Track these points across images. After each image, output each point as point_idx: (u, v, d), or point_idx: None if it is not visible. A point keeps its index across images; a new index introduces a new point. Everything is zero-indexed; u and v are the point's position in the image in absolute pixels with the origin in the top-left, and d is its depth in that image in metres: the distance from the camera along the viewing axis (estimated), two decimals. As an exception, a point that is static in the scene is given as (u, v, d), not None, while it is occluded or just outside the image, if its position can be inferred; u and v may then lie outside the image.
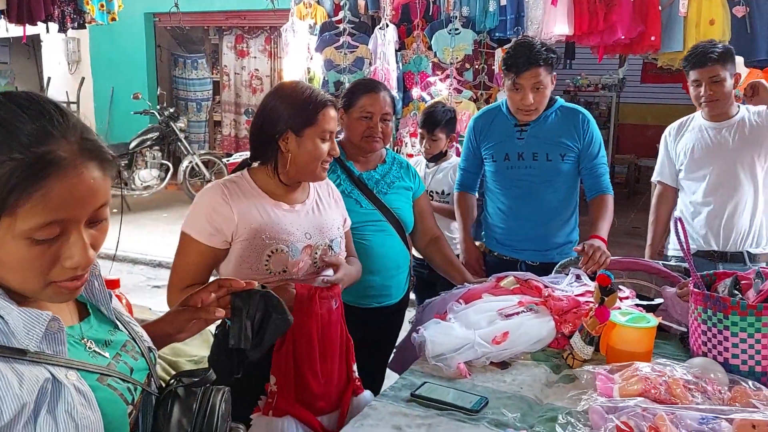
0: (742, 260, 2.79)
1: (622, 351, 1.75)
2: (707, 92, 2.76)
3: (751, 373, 1.62)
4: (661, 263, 2.34)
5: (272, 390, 1.77)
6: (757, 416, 1.33)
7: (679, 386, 1.50)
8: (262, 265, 1.81)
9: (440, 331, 1.88)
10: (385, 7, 5.15)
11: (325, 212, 1.97)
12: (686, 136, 2.94)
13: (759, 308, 1.61)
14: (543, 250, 2.66)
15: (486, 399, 1.60)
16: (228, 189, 1.84)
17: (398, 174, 2.46)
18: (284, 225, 1.84)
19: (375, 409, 1.59)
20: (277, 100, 1.86)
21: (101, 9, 5.19)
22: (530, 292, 2.09)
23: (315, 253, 1.88)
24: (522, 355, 1.88)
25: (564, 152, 2.60)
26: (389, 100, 2.38)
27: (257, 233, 1.80)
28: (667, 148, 3.03)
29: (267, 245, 1.80)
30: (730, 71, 2.76)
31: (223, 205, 1.80)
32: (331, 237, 1.94)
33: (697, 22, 4.48)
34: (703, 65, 2.74)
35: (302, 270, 1.85)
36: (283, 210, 1.87)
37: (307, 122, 1.83)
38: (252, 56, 9.62)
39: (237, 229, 1.80)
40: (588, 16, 4.62)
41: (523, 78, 2.49)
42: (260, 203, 1.85)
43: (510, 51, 2.56)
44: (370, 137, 2.34)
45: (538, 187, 2.61)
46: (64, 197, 0.85)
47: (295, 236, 1.85)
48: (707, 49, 2.75)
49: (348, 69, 5.31)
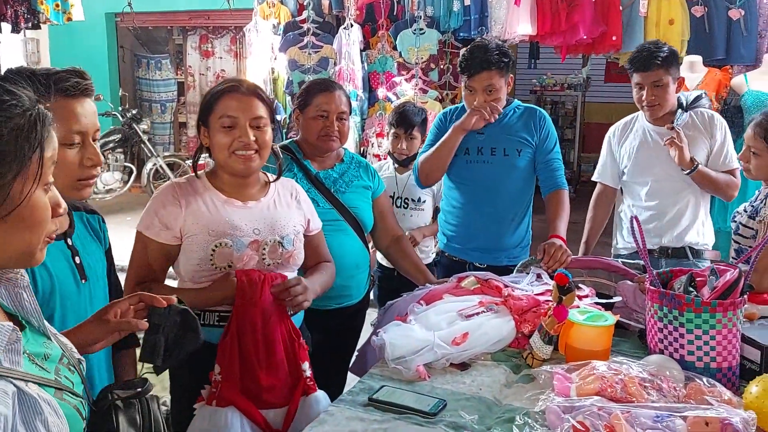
0: (684, 255, 2.82)
1: (580, 350, 1.76)
2: (649, 96, 2.75)
3: (706, 370, 1.63)
4: (620, 261, 2.36)
5: (216, 379, 1.75)
6: (710, 413, 1.34)
7: (634, 384, 1.50)
8: (208, 260, 1.81)
9: (400, 334, 1.86)
10: (349, 6, 5.12)
11: (281, 210, 1.95)
12: (630, 138, 2.94)
13: (713, 305, 1.62)
14: (493, 251, 2.66)
15: (444, 401, 1.59)
16: (179, 187, 1.88)
17: (356, 173, 2.44)
18: (231, 220, 1.84)
19: (331, 414, 1.56)
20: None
21: (56, 9, 5.07)
22: (491, 292, 2.09)
23: (263, 249, 1.86)
24: (482, 355, 1.87)
25: (521, 147, 2.62)
26: (345, 99, 2.36)
27: (203, 228, 1.82)
28: (611, 149, 3.01)
29: (211, 239, 1.81)
30: (673, 75, 2.75)
31: (173, 202, 1.83)
32: (283, 234, 1.91)
33: (657, 22, 4.54)
34: (646, 69, 2.72)
35: (248, 264, 1.84)
36: (233, 206, 1.88)
37: (206, 111, 1.86)
38: (217, 57, 9.52)
39: (185, 224, 1.82)
40: (550, 16, 4.66)
41: (475, 81, 2.51)
42: (210, 200, 1.87)
43: (465, 53, 2.56)
44: (327, 136, 2.31)
45: (494, 183, 2.63)
46: None
47: (241, 231, 1.84)
48: (652, 52, 2.73)
49: (312, 69, 5.27)
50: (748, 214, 2.27)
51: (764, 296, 2.00)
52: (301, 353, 1.86)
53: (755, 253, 1.74)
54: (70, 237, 1.51)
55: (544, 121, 2.66)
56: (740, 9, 4.37)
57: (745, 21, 4.38)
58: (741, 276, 1.66)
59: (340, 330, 2.40)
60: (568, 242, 2.45)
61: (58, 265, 1.44)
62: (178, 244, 1.84)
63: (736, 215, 2.36)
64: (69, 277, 1.46)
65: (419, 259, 2.56)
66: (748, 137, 2.27)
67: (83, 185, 1.43)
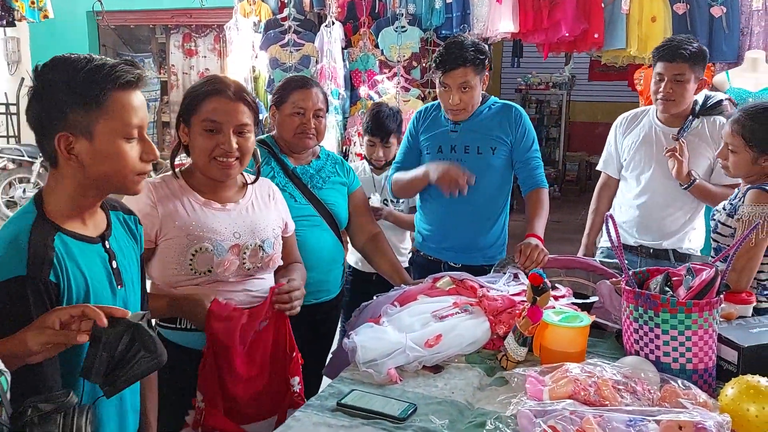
0: (667, 258, 2.78)
1: (555, 351, 1.72)
2: (667, 89, 2.64)
3: (682, 371, 1.60)
4: (598, 260, 2.33)
5: (199, 406, 1.73)
6: (684, 417, 1.31)
7: (608, 387, 1.46)
8: (187, 264, 1.76)
9: (372, 336, 1.82)
10: (330, 4, 5.07)
11: (259, 212, 1.91)
12: (635, 132, 2.86)
13: (689, 305, 1.59)
14: (468, 251, 2.62)
15: (414, 406, 1.55)
16: (155, 188, 1.81)
17: (333, 169, 2.42)
18: (211, 223, 1.79)
19: (298, 420, 1.52)
20: None
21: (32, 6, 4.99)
22: (466, 292, 2.05)
23: (243, 252, 1.82)
24: (456, 357, 1.83)
25: (495, 145, 2.57)
26: (322, 97, 2.32)
27: (181, 231, 1.76)
28: (616, 140, 2.95)
29: (191, 243, 1.76)
30: (696, 74, 2.63)
31: (147, 204, 1.76)
32: (263, 237, 1.87)
33: (639, 20, 4.51)
34: (671, 60, 2.61)
35: (229, 270, 1.79)
36: (212, 209, 1.82)
37: (191, 109, 1.81)
38: (201, 55, 9.43)
39: (161, 228, 1.76)
40: (532, 14, 4.62)
41: (450, 77, 2.46)
42: (188, 202, 1.81)
43: (441, 49, 2.51)
44: (303, 134, 2.28)
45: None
46: None
47: (221, 235, 1.79)
48: (681, 43, 2.62)
49: (294, 67, 5.21)
50: (726, 212, 2.24)
51: (742, 296, 1.97)
52: (291, 367, 1.83)
53: (732, 251, 1.71)
54: (107, 239, 1.41)
55: (521, 118, 2.61)
56: (722, 6, 4.35)
57: (727, 18, 4.37)
58: (717, 275, 1.63)
59: (317, 325, 2.36)
60: (551, 241, 2.42)
61: (95, 269, 1.35)
62: (151, 248, 1.78)
63: (715, 213, 2.33)
64: (104, 283, 1.37)
65: (396, 259, 2.52)
66: (726, 134, 2.23)
67: (139, 180, 1.39)
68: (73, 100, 1.27)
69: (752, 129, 2.14)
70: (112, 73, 1.28)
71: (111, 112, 1.29)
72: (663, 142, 2.76)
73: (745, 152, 2.16)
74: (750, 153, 2.15)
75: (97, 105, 1.28)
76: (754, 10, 4.34)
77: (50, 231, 1.28)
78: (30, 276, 1.20)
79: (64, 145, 1.29)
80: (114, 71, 1.29)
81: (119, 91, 1.30)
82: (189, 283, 1.78)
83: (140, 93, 1.36)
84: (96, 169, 1.31)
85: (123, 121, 1.30)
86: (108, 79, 1.28)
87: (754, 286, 2.18)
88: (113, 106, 1.29)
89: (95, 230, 1.39)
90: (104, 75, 1.28)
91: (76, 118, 1.28)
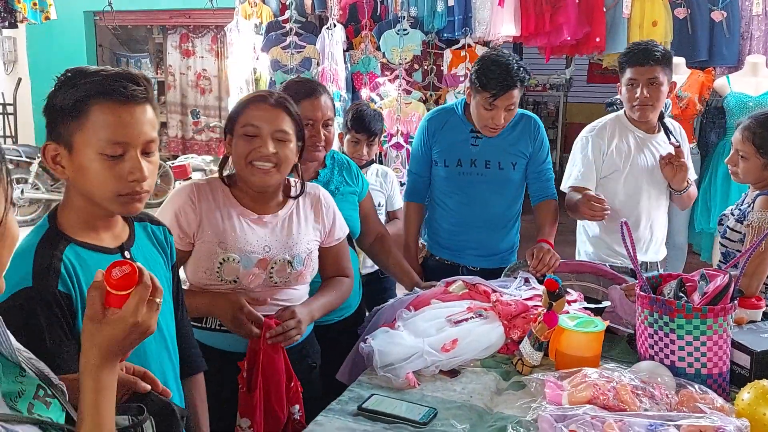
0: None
1: (571, 356, 1.74)
2: (643, 95, 2.51)
3: (697, 376, 1.63)
4: (608, 265, 2.35)
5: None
6: (704, 422, 1.33)
7: (627, 392, 1.48)
8: (215, 271, 1.79)
9: (388, 341, 1.84)
10: (332, 6, 5.09)
11: (296, 227, 1.89)
12: (616, 142, 2.62)
13: (704, 311, 1.62)
14: (486, 255, 2.62)
15: (435, 410, 1.57)
16: (198, 189, 1.84)
17: (341, 178, 2.34)
18: (243, 235, 1.80)
19: (321, 424, 1.54)
20: None
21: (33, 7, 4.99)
22: (479, 297, 2.07)
23: (271, 267, 1.82)
24: (472, 362, 1.85)
25: (515, 160, 2.56)
26: (330, 104, 2.21)
27: (215, 237, 1.79)
28: (601, 150, 2.62)
29: (220, 252, 1.78)
30: (668, 76, 2.54)
31: (188, 204, 1.80)
32: (294, 254, 1.86)
33: (640, 24, 4.55)
34: (643, 64, 2.49)
35: (254, 282, 1.81)
36: (248, 219, 1.83)
37: (231, 121, 1.82)
38: (198, 56, 9.40)
39: (199, 230, 1.79)
40: (534, 18, 4.65)
41: (500, 101, 2.38)
42: (227, 209, 1.83)
43: (483, 68, 2.39)
44: (313, 146, 2.13)
45: (487, 194, 2.57)
46: None
47: (251, 247, 1.80)
48: (650, 47, 2.52)
49: (295, 69, 5.22)
50: (735, 217, 2.27)
51: (753, 301, 1.99)
52: (292, 395, 1.83)
53: (744, 258, 1.73)
54: (128, 249, 1.36)
55: (539, 130, 2.61)
56: (723, 11, 4.40)
57: (728, 23, 4.41)
58: (731, 281, 1.65)
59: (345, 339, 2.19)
60: (555, 245, 2.44)
61: None
62: (189, 250, 1.80)
63: (723, 218, 2.36)
64: None
65: (403, 259, 2.50)
66: (737, 141, 2.26)
67: (128, 200, 1.25)
68: (58, 108, 1.22)
69: (763, 136, 2.17)
70: (98, 84, 1.20)
71: (90, 125, 1.20)
72: (643, 155, 2.60)
73: (756, 159, 2.19)
74: (761, 160, 2.19)
75: (76, 115, 1.20)
76: (754, 14, 4.38)
77: (60, 242, 1.25)
78: (36, 287, 1.17)
79: (50, 155, 1.23)
80: (101, 82, 1.20)
81: (103, 104, 1.19)
82: (216, 288, 1.80)
83: (141, 109, 1.23)
84: (79, 183, 1.25)
85: (99, 135, 1.20)
86: (90, 90, 1.19)
87: (763, 291, 2.21)
88: (93, 119, 1.20)
89: (114, 241, 1.35)
90: (87, 84, 1.20)
91: (60, 129, 1.22)
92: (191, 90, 9.54)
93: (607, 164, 2.62)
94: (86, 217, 1.30)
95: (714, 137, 4.63)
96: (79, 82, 1.20)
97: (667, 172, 2.55)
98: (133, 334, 0.97)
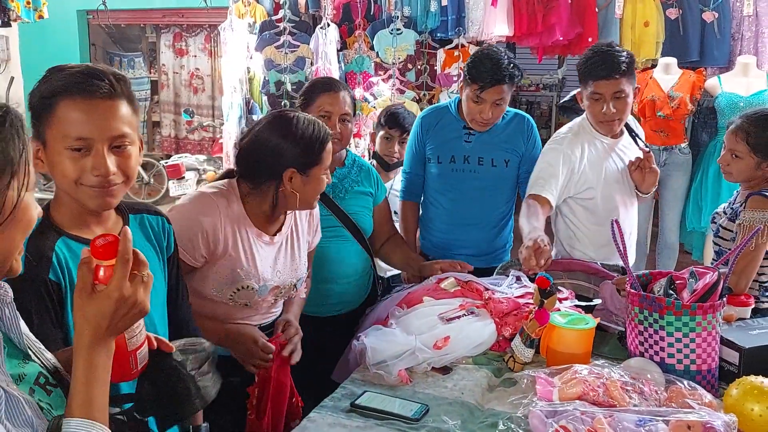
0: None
1: (562, 353, 1.76)
2: (609, 110, 2.34)
3: (686, 372, 1.64)
4: (599, 263, 2.36)
5: None
6: (692, 417, 1.35)
7: (616, 388, 1.50)
8: (227, 295, 1.80)
9: (381, 338, 1.85)
10: (325, 6, 5.10)
11: (296, 243, 1.94)
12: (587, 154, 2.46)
13: (693, 308, 1.63)
14: (479, 254, 2.64)
15: (427, 407, 1.58)
16: (220, 208, 1.77)
17: (357, 178, 2.36)
18: (261, 260, 1.83)
19: (313, 421, 1.55)
20: (278, 137, 1.78)
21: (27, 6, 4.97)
22: (471, 294, 2.08)
23: (280, 292, 1.89)
24: (463, 359, 1.86)
25: (509, 158, 2.59)
26: (349, 101, 2.26)
27: (233, 263, 1.78)
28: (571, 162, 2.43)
29: (238, 279, 1.78)
30: (632, 83, 2.39)
31: (218, 220, 1.76)
32: (299, 276, 1.93)
33: (632, 24, 4.58)
34: (607, 77, 2.31)
35: (263, 306, 1.87)
36: (262, 242, 1.84)
37: (314, 162, 1.79)
38: (192, 55, 9.40)
39: (218, 249, 1.77)
40: (527, 18, 4.67)
41: (488, 93, 2.42)
42: (244, 230, 1.81)
43: (475, 60, 2.44)
44: None
45: (481, 191, 2.59)
46: None
47: (268, 274, 1.84)
48: (614, 57, 2.32)
49: (289, 69, 5.23)
50: (728, 216, 2.30)
51: (741, 298, 2.02)
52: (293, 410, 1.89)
53: (733, 256, 1.75)
54: None
55: (532, 130, 2.63)
56: (714, 11, 4.43)
57: (719, 23, 4.44)
58: (720, 279, 1.67)
59: (333, 336, 2.24)
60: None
61: None
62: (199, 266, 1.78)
63: (716, 217, 2.38)
64: None
65: (409, 250, 2.52)
66: (729, 140, 2.27)
67: (98, 193, 1.27)
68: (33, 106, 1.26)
69: (757, 135, 2.20)
70: (64, 80, 1.23)
71: (56, 121, 1.23)
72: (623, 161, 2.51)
73: (750, 158, 2.21)
74: (754, 159, 2.21)
75: (46, 112, 1.24)
76: (744, 15, 4.41)
77: (52, 235, 1.28)
78: (27, 274, 1.17)
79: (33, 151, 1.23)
80: (66, 78, 1.23)
81: (67, 100, 1.22)
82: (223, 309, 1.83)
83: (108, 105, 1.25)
84: (54, 179, 1.28)
85: (65, 131, 1.22)
86: (57, 86, 1.23)
87: (756, 288, 2.24)
88: (59, 115, 1.23)
89: None
90: (56, 81, 1.23)
91: (36, 125, 1.26)
92: (184, 89, 9.54)
93: (581, 180, 2.46)
94: (75, 212, 1.32)
95: (705, 137, 4.66)
96: (50, 79, 1.24)
97: (637, 176, 2.47)
98: (121, 309, 0.95)
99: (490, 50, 2.48)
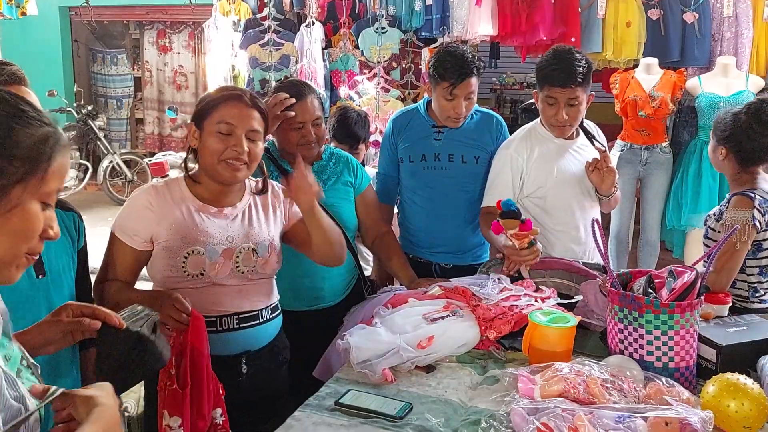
0: None
1: (543, 350, 1.78)
2: (561, 116, 2.38)
3: (665, 370, 1.67)
4: (581, 262, 2.39)
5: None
6: (670, 413, 1.38)
7: (596, 385, 1.53)
8: (180, 267, 1.81)
9: (365, 337, 1.86)
10: (310, 4, 5.10)
11: (256, 216, 1.94)
12: (536, 157, 2.48)
13: (671, 306, 1.66)
14: (457, 252, 2.66)
15: (410, 405, 1.60)
16: (156, 192, 1.87)
17: (336, 170, 2.38)
18: (204, 227, 1.84)
19: (298, 419, 1.56)
20: None
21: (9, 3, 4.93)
22: (456, 296, 2.10)
23: (236, 256, 1.86)
24: (447, 358, 1.88)
25: (478, 154, 2.62)
26: (318, 103, 2.28)
27: (176, 234, 1.82)
28: (517, 163, 2.47)
29: (184, 246, 1.81)
30: (587, 91, 2.41)
31: (147, 208, 1.83)
32: (257, 241, 1.90)
33: (614, 24, 4.63)
34: (564, 86, 2.34)
35: (221, 273, 1.85)
36: (208, 213, 1.87)
37: (204, 113, 1.85)
38: (175, 52, 9.35)
39: (157, 231, 1.82)
40: (511, 17, 4.72)
41: (459, 89, 2.47)
42: (186, 207, 1.86)
43: (440, 59, 2.49)
44: (305, 145, 2.24)
45: (453, 188, 2.62)
46: None
47: (215, 239, 1.84)
48: (572, 66, 2.33)
49: (274, 67, 5.23)
50: (716, 217, 2.35)
51: (719, 296, 2.05)
52: (213, 396, 1.75)
53: (712, 253, 1.79)
54: None
55: (501, 129, 2.67)
56: (695, 12, 4.49)
57: (699, 24, 4.50)
58: (698, 277, 1.70)
59: (314, 331, 2.24)
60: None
61: None
62: (148, 249, 1.84)
63: (707, 219, 2.42)
64: None
65: (405, 258, 2.51)
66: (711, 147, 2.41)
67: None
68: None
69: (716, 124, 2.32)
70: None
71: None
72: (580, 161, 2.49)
73: (720, 150, 2.32)
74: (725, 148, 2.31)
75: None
76: (724, 17, 4.48)
77: None
78: None
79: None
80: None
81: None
82: (184, 285, 1.81)
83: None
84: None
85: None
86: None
87: (745, 289, 2.29)
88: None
89: None
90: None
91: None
92: (168, 86, 9.48)
93: (529, 180, 2.48)
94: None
95: (686, 136, 4.73)
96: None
97: (595, 177, 2.43)
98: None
99: (451, 47, 2.55)
